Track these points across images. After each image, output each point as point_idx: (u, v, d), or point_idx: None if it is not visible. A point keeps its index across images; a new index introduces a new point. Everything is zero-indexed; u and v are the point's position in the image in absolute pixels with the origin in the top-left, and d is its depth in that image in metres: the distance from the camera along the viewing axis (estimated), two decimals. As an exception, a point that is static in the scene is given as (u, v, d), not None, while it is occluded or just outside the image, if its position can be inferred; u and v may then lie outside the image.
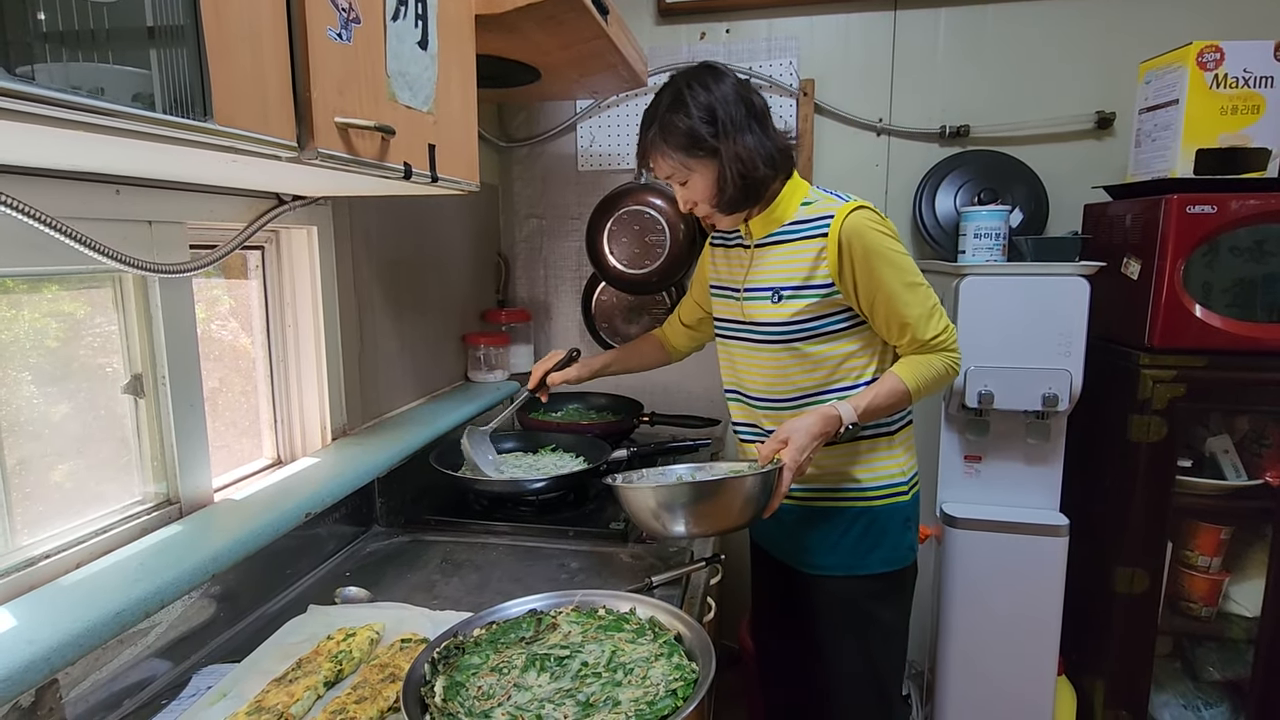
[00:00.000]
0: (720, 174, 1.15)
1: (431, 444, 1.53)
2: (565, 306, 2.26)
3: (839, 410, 1.15)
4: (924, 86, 1.95)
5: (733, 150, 1.14)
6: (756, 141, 1.15)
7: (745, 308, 1.27)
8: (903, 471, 1.27)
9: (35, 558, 0.88)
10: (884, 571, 1.26)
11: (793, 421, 1.15)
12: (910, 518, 1.29)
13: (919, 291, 1.17)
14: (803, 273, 1.19)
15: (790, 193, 1.23)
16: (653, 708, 0.78)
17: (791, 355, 1.22)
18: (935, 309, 1.19)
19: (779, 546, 1.36)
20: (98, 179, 0.89)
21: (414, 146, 0.95)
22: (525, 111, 2.18)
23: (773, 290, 1.22)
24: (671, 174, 1.20)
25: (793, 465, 1.10)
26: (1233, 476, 1.63)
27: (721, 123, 1.14)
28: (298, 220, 1.29)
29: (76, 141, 0.61)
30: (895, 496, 1.26)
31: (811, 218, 1.19)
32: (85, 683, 0.82)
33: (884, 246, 1.15)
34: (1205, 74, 1.47)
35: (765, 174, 1.17)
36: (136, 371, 1.03)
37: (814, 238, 1.18)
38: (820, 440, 1.14)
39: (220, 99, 0.63)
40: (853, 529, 1.26)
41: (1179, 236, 1.48)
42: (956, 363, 1.21)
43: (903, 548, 1.28)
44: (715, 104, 1.14)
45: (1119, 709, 1.67)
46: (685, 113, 1.14)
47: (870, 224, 1.15)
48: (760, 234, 1.25)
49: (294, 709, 0.82)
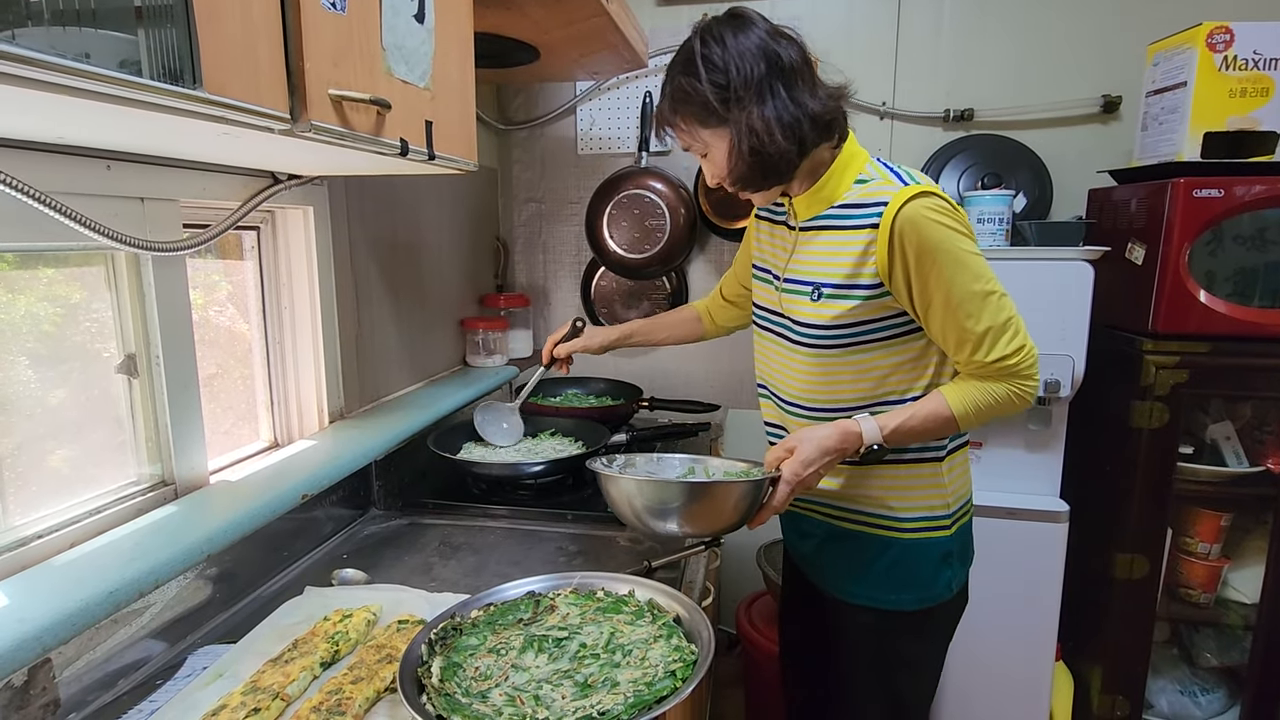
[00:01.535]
0: (736, 146, 0.99)
1: (430, 427, 1.52)
2: (564, 291, 2.24)
3: (862, 427, 1.00)
4: (928, 69, 1.93)
5: (744, 120, 0.97)
6: (778, 108, 0.97)
7: (784, 300, 1.11)
8: (945, 504, 1.10)
9: (28, 537, 0.88)
10: (916, 610, 1.11)
11: (807, 430, 1.02)
12: (951, 552, 1.11)
13: (988, 301, 0.97)
14: (846, 269, 1.02)
15: (843, 166, 1.04)
16: (651, 689, 0.77)
17: (831, 363, 1.06)
18: (1009, 325, 0.98)
19: (806, 561, 1.24)
20: (88, 154, 0.88)
21: (410, 122, 0.93)
22: (524, 93, 2.15)
23: (813, 286, 1.06)
24: (689, 146, 1.06)
25: (791, 479, 0.99)
26: (1234, 463, 1.62)
27: (734, 87, 0.97)
28: (293, 200, 1.27)
29: (63, 108, 0.59)
30: (932, 531, 1.09)
31: (864, 202, 1.01)
32: (79, 662, 0.82)
33: (947, 243, 0.95)
34: (1215, 56, 1.45)
35: (784, 148, 0.98)
36: (130, 351, 1.02)
37: (863, 228, 1.00)
38: (834, 457, 1.00)
39: (210, 67, 0.61)
40: (880, 559, 1.11)
41: (1185, 221, 1.46)
42: (1028, 392, 1.00)
43: (938, 586, 1.11)
44: (731, 63, 0.97)
45: (1116, 694, 1.67)
46: (695, 75, 0.98)
47: (932, 214, 0.95)
48: (805, 215, 1.08)
49: (290, 689, 0.81)
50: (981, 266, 0.98)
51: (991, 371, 0.99)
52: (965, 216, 1.01)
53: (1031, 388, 1.01)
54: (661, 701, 0.75)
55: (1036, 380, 1.01)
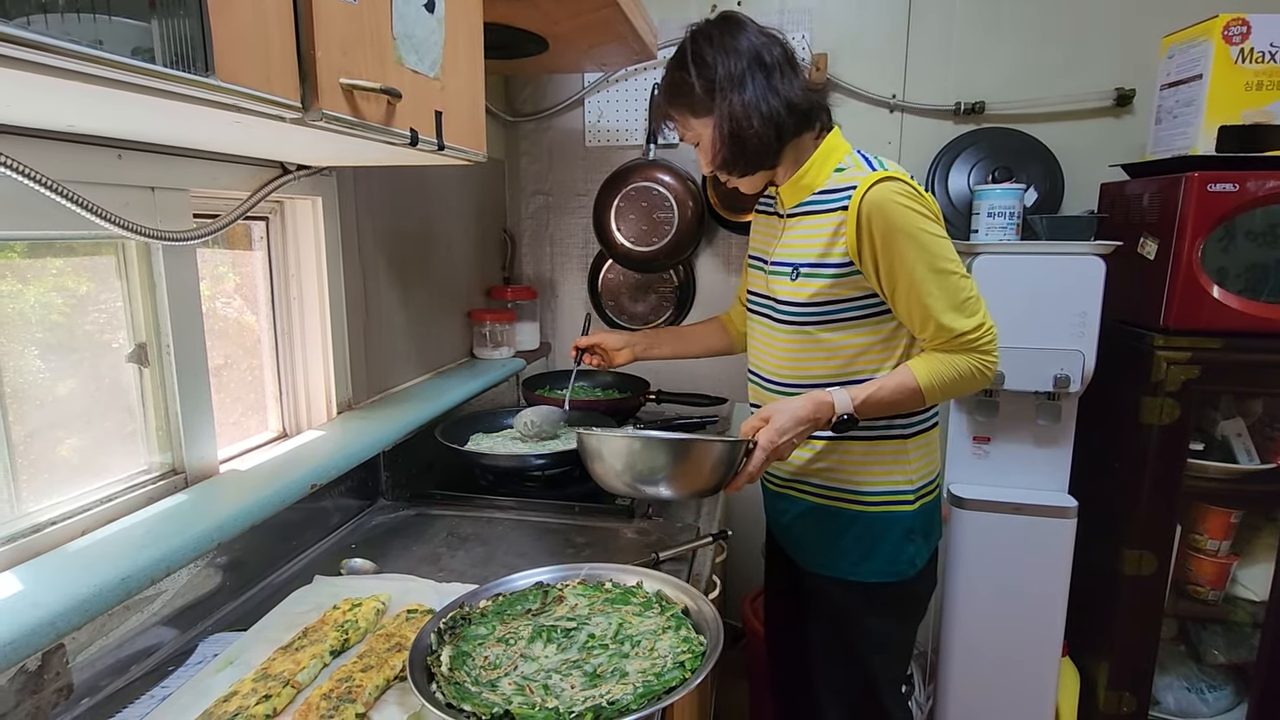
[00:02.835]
0: (718, 131, 1.09)
1: (437, 419, 1.52)
2: (571, 284, 2.24)
3: (834, 397, 1.06)
4: (939, 62, 1.91)
5: (725, 107, 1.07)
6: (757, 96, 1.06)
7: (770, 282, 1.19)
8: (909, 480, 1.17)
9: (41, 524, 0.88)
10: (877, 582, 1.18)
11: (780, 402, 1.08)
12: (914, 529, 1.18)
13: (949, 280, 1.04)
14: (819, 248, 1.10)
15: (824, 156, 1.13)
16: (660, 679, 0.77)
17: (805, 340, 1.15)
18: (969, 302, 1.06)
19: (784, 538, 1.32)
20: (99, 142, 0.88)
21: (420, 112, 0.93)
22: (532, 85, 2.15)
23: (792, 266, 1.14)
24: (684, 136, 1.16)
25: (767, 445, 1.03)
26: (1245, 460, 1.61)
27: (719, 78, 1.06)
28: (302, 191, 1.27)
29: (75, 95, 0.59)
30: (896, 505, 1.17)
31: (839, 187, 1.09)
32: (92, 648, 0.83)
33: (911, 224, 1.03)
34: (1231, 48, 1.43)
35: (762, 133, 1.07)
36: (141, 341, 1.02)
37: (835, 210, 1.09)
38: (806, 426, 1.06)
39: (222, 55, 0.61)
40: (848, 533, 1.19)
41: (1199, 215, 1.45)
42: (988, 366, 1.07)
43: (900, 561, 1.18)
44: (718, 58, 1.07)
45: (1122, 690, 1.67)
46: (686, 70, 1.09)
47: (897, 197, 1.03)
48: (790, 203, 1.16)
49: (300, 677, 0.82)
50: (943, 247, 1.05)
51: (954, 346, 1.06)
52: (933, 202, 1.08)
53: (991, 363, 1.08)
54: (671, 692, 0.75)
55: (996, 357, 1.08)
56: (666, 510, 1.41)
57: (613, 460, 1.05)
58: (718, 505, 1.50)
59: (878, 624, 1.21)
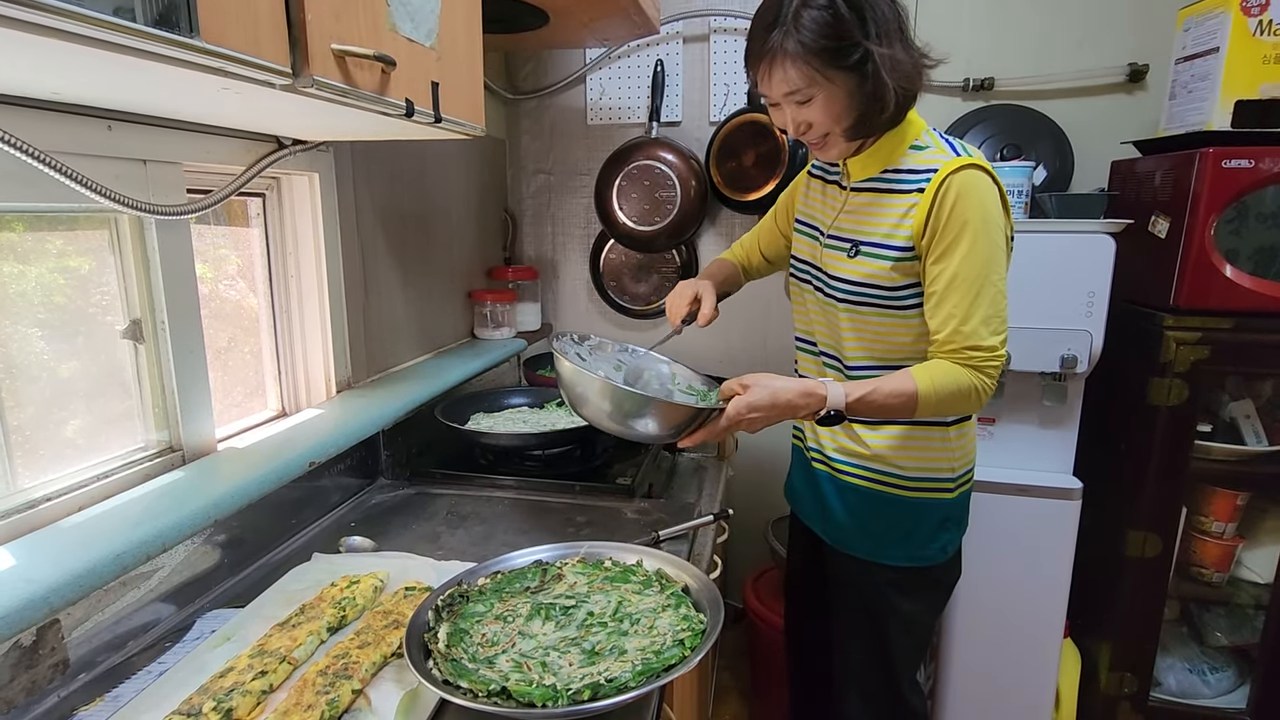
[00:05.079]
0: (862, 88, 0.96)
1: (438, 398, 1.51)
2: (573, 264, 2.22)
3: (828, 390, 1.01)
4: (948, 37, 1.86)
5: (888, 58, 0.95)
6: (909, 53, 0.98)
7: (824, 254, 1.14)
8: (952, 468, 1.14)
9: (36, 500, 0.88)
10: (909, 566, 1.16)
11: (770, 378, 1.03)
12: (950, 518, 1.16)
13: (987, 292, 0.99)
14: (885, 228, 1.04)
15: (901, 130, 1.05)
16: (660, 657, 0.76)
17: (855, 321, 1.09)
18: (993, 319, 1.00)
19: (815, 515, 1.28)
20: (88, 112, 0.86)
21: (416, 82, 0.91)
22: (533, 62, 2.11)
23: (852, 243, 1.08)
24: (794, 90, 0.98)
25: (733, 416, 1.01)
26: (1253, 442, 1.59)
27: (873, 22, 0.94)
28: (298, 166, 1.25)
29: (55, 56, 0.57)
30: (936, 492, 1.14)
31: (916, 168, 1.03)
32: (88, 624, 0.82)
33: (984, 222, 0.98)
34: (1249, 20, 1.39)
35: (905, 94, 0.99)
36: (135, 317, 1.01)
37: (910, 192, 1.02)
38: (783, 412, 1.02)
39: (207, 15, 0.59)
40: (883, 515, 1.15)
41: (1213, 192, 1.42)
42: (986, 390, 1.02)
43: (933, 547, 1.15)
44: (867, 4, 0.94)
45: (1124, 671, 1.66)
46: (829, 9, 0.93)
47: (983, 190, 0.98)
48: (859, 176, 1.10)
49: (296, 653, 0.81)
50: (1001, 258, 1.01)
51: (963, 357, 1.01)
52: (1007, 200, 1.03)
53: (990, 387, 1.02)
54: (670, 670, 0.75)
55: (994, 385, 1.03)
56: (668, 490, 1.41)
57: (591, 396, 1.07)
58: (719, 486, 1.49)
59: (906, 608, 1.19)
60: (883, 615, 1.19)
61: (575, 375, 1.08)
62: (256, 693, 0.75)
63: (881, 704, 1.24)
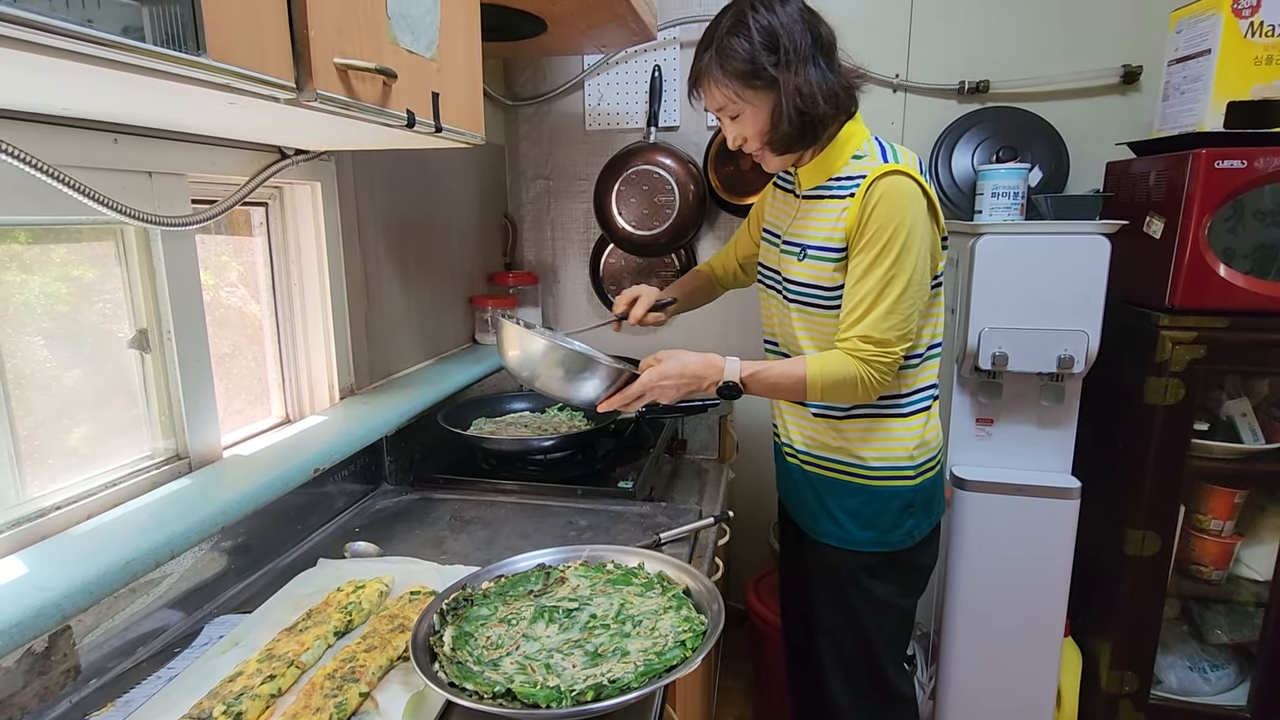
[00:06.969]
0: (776, 108, 1.07)
1: (440, 404, 1.53)
2: (573, 269, 2.23)
3: (725, 363, 1.12)
4: (942, 40, 1.88)
5: (793, 83, 1.05)
6: (820, 76, 1.07)
7: (782, 259, 1.22)
8: (910, 456, 1.20)
9: (46, 509, 0.89)
10: (876, 551, 1.22)
11: (681, 352, 1.14)
12: (913, 503, 1.22)
13: (891, 291, 1.06)
14: (824, 232, 1.13)
15: (844, 141, 1.14)
16: (661, 658, 0.78)
17: (806, 321, 1.18)
18: (894, 312, 1.06)
19: (794, 507, 1.36)
20: (95, 126, 0.87)
21: (417, 93, 0.92)
22: (531, 68, 2.13)
23: (801, 248, 1.17)
24: (723, 106, 1.11)
25: (646, 382, 1.12)
26: (1250, 440, 1.60)
27: (784, 50, 1.05)
28: (301, 175, 1.27)
29: (67, 76, 0.59)
30: (897, 480, 1.20)
31: (853, 175, 1.11)
32: (98, 630, 0.83)
33: (901, 226, 1.05)
34: (1240, 21, 1.40)
35: (825, 112, 1.08)
36: (142, 327, 1.03)
37: (845, 196, 1.11)
38: (689, 382, 1.12)
39: (213, 34, 0.60)
40: (849, 503, 1.23)
41: (1206, 192, 1.43)
42: (877, 383, 1.09)
43: (898, 533, 1.22)
44: (779, 29, 1.05)
45: (1124, 670, 1.67)
46: (746, 37, 1.05)
47: (903, 195, 1.06)
48: (808, 184, 1.18)
49: (304, 657, 0.83)
50: (911, 260, 1.06)
51: (858, 350, 1.08)
52: (935, 207, 1.10)
53: (876, 381, 1.09)
54: (672, 670, 0.76)
55: (884, 380, 1.09)
56: (669, 493, 1.42)
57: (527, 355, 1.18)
58: (720, 489, 1.51)
59: (877, 592, 1.24)
60: (857, 600, 1.25)
61: (511, 331, 1.20)
62: (265, 696, 0.76)
63: (867, 690, 1.28)
